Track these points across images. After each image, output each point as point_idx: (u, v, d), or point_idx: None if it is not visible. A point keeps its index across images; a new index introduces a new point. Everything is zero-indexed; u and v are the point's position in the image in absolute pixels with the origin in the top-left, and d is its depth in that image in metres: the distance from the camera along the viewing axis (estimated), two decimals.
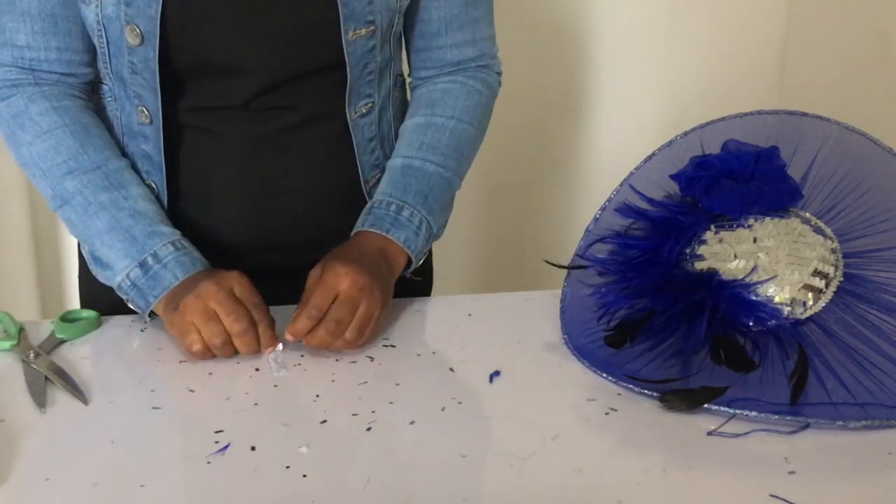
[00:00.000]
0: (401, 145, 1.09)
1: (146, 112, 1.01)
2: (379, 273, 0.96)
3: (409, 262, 1.04)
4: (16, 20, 0.98)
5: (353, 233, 1.03)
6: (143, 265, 0.96)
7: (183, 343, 0.92)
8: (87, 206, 0.98)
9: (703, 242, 0.96)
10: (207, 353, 0.92)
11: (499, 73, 1.16)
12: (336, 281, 0.93)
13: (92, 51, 1.02)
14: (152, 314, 0.98)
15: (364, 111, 1.06)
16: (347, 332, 0.92)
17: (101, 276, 1.00)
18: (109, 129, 1.04)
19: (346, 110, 1.05)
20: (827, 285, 0.91)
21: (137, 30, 0.96)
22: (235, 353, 0.93)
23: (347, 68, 1.02)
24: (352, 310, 0.92)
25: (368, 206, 1.04)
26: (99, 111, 1.05)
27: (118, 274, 0.97)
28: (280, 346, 0.93)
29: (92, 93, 1.06)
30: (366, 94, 1.06)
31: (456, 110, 1.09)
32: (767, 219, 0.96)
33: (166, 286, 0.95)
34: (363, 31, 1.01)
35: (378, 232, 1.01)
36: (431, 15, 1.09)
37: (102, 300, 1.08)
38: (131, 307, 0.98)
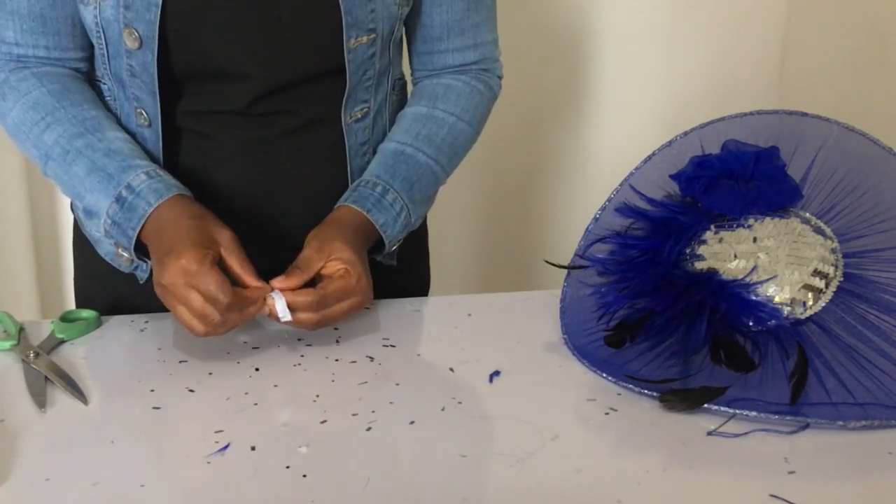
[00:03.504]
0: (396, 131, 1.08)
1: (145, 114, 1.01)
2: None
3: (382, 245, 1.03)
4: (4, 18, 0.98)
5: (336, 206, 1.02)
6: (119, 199, 0.94)
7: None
8: (65, 155, 0.96)
9: (703, 242, 0.96)
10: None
11: (500, 77, 1.16)
12: (360, 289, 0.93)
13: (85, 49, 1.02)
14: (140, 252, 0.96)
15: (359, 115, 1.06)
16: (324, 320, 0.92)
17: (91, 226, 0.98)
18: None
19: (342, 114, 1.05)
20: (827, 285, 0.91)
21: (136, 33, 0.95)
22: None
23: (347, 75, 1.01)
24: (348, 313, 0.93)
25: (355, 183, 1.04)
26: None
27: (101, 216, 0.95)
28: (273, 291, 0.91)
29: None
30: (362, 100, 1.06)
31: (458, 108, 1.09)
32: (767, 219, 0.96)
33: (142, 215, 0.93)
34: (364, 39, 1.01)
35: (360, 210, 1.00)
36: (433, 20, 1.09)
37: (98, 301, 1.07)
38: (122, 254, 0.96)
